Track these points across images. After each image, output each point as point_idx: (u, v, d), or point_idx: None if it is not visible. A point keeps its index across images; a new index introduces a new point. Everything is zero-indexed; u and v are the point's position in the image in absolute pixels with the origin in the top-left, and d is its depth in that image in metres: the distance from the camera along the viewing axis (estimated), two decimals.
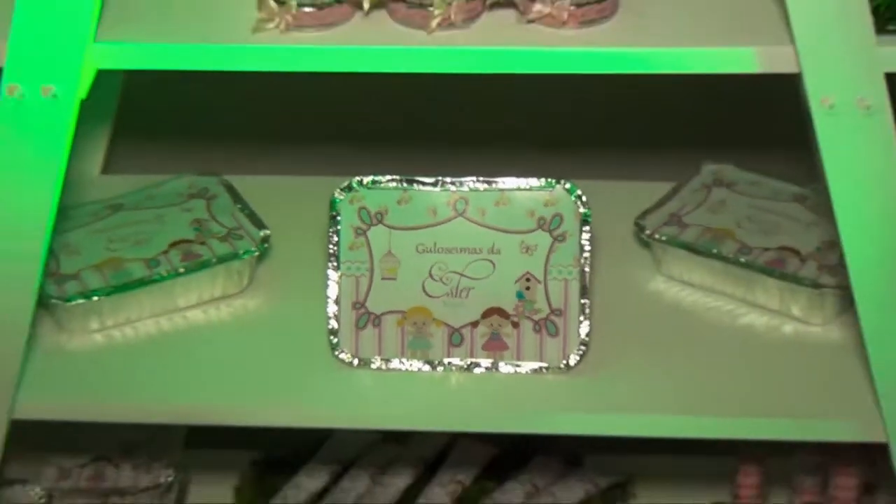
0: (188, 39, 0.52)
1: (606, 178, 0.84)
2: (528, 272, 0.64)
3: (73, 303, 0.66)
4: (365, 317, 0.64)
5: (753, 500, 0.83)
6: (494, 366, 0.65)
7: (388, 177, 0.63)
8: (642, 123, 0.99)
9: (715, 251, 0.71)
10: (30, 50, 0.50)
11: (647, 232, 0.74)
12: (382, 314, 0.64)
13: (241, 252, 0.71)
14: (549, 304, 0.64)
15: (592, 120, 0.98)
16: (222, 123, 0.98)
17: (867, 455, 0.76)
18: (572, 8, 0.53)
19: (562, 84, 0.62)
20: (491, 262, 0.64)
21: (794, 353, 0.68)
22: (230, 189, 0.77)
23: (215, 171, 0.80)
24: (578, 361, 0.64)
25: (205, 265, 0.70)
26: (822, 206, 0.62)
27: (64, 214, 0.67)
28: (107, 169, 0.88)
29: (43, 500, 0.78)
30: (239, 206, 0.75)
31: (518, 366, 0.65)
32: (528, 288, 0.64)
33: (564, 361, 0.64)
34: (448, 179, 0.63)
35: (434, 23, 0.52)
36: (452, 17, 0.52)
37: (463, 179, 0.63)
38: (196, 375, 0.66)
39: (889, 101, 0.50)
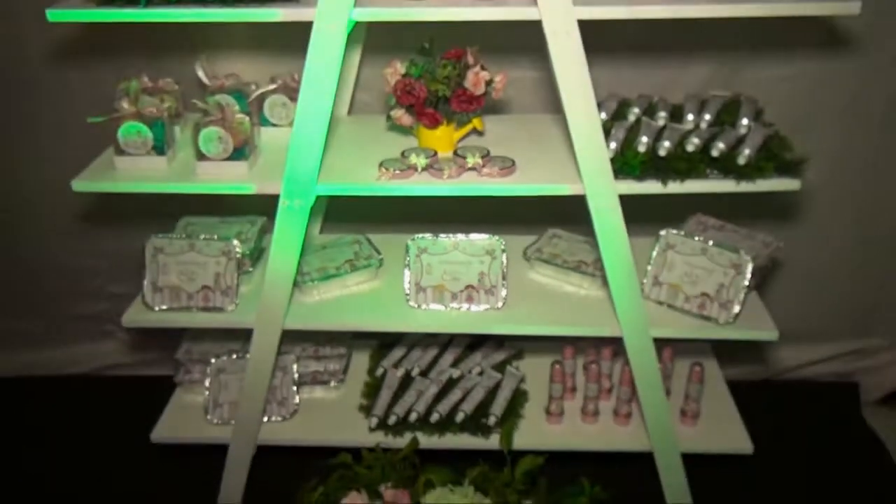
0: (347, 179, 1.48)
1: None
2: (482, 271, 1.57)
3: (307, 284, 1.64)
4: (420, 289, 1.59)
5: None
6: (470, 307, 1.58)
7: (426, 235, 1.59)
8: None
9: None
10: (290, 188, 1.47)
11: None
12: (426, 287, 1.59)
13: (370, 265, 1.68)
14: (492, 282, 1.56)
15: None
16: None
17: None
18: (497, 169, 1.47)
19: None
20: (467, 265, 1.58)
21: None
22: (368, 240, 1.75)
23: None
24: (503, 305, 1.56)
25: (357, 269, 1.67)
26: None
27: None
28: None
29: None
30: (370, 247, 1.73)
31: (479, 306, 1.57)
32: (481, 277, 1.57)
33: (499, 305, 1.57)
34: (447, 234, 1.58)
35: (446, 175, 1.47)
36: (452, 173, 1.47)
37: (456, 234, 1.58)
38: (362, 312, 1.62)
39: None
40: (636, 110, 1.54)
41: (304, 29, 1.28)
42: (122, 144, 1.48)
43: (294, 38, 1.32)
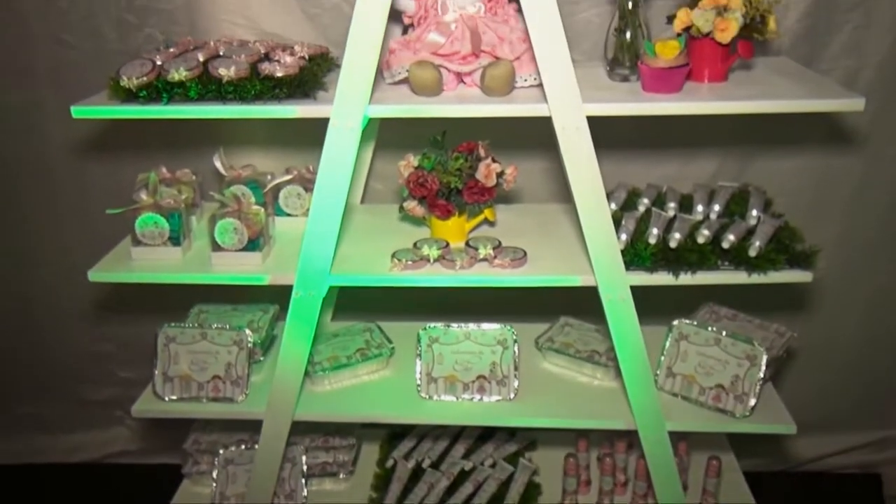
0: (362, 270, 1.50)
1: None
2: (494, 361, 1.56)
3: (318, 374, 1.63)
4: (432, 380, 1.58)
5: None
6: (482, 398, 1.56)
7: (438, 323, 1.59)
8: None
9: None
10: (303, 279, 1.48)
11: None
12: (438, 377, 1.57)
13: (381, 354, 1.67)
14: (504, 373, 1.55)
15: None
16: None
17: None
18: (508, 260, 1.47)
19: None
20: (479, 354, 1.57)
21: None
22: (379, 328, 1.75)
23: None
24: (515, 396, 1.54)
25: (368, 358, 1.66)
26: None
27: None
28: None
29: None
30: (381, 336, 1.72)
31: (490, 397, 1.55)
32: (493, 367, 1.56)
33: (511, 396, 1.55)
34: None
35: (458, 266, 1.48)
36: (464, 264, 1.48)
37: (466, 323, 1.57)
38: (373, 402, 1.60)
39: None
40: (646, 200, 1.56)
41: (320, 122, 1.32)
42: (139, 235, 1.50)
43: (310, 131, 1.35)
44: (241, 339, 1.58)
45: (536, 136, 1.57)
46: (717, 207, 1.52)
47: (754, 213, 1.50)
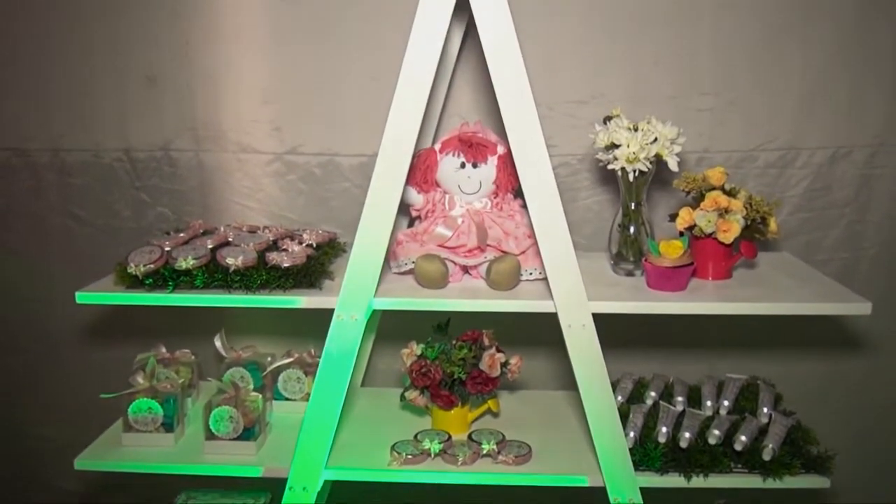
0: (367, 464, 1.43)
1: None
2: None
3: None
4: None
5: None
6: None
7: None
8: None
9: None
10: (298, 473, 1.42)
11: None
12: None
13: None
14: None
15: None
16: None
17: None
18: (512, 456, 1.42)
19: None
20: None
21: None
22: None
23: None
24: None
25: None
26: None
27: None
28: None
29: None
30: None
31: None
32: None
33: None
34: None
35: (460, 461, 1.42)
36: (467, 460, 1.42)
37: None
38: None
39: None
40: (653, 393, 1.52)
41: (323, 311, 1.31)
42: (131, 421, 1.46)
43: (313, 315, 1.34)
44: None
45: (541, 325, 1.56)
46: (726, 403, 1.48)
47: (765, 409, 1.46)
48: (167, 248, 1.40)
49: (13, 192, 1.85)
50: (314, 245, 1.50)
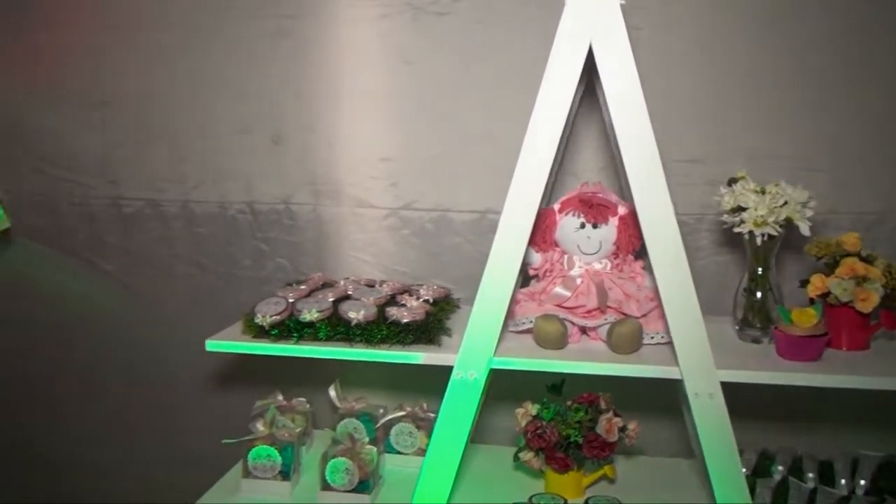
0: None
1: None
2: None
3: None
4: None
5: None
6: None
7: None
8: None
9: None
10: None
11: None
12: None
13: None
14: None
15: None
16: None
17: None
18: None
19: None
20: None
21: None
22: None
23: None
24: None
25: None
26: None
27: None
28: None
29: None
30: None
31: None
32: None
33: None
34: None
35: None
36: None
37: None
38: None
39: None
40: (780, 468, 1.45)
41: (434, 365, 1.31)
42: (250, 467, 1.49)
43: (423, 371, 1.34)
44: None
45: (656, 390, 1.51)
46: (862, 482, 1.39)
47: None
48: (291, 300, 1.44)
49: (144, 240, 1.96)
50: (431, 301, 1.51)
